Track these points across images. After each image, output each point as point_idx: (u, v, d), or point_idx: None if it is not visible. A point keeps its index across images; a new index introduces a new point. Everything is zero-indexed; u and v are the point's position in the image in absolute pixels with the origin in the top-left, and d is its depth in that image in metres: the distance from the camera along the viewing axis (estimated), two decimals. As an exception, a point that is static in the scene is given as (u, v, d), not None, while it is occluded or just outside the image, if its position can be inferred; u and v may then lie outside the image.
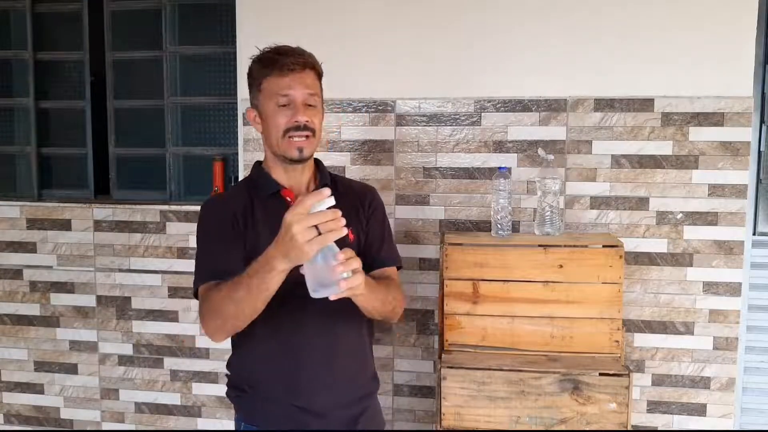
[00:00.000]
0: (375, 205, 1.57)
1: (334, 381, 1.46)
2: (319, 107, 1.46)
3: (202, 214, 1.49)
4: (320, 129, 1.47)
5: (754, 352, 2.45)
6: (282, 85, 1.41)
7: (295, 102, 1.41)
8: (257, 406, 1.48)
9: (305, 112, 1.41)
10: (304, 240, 1.09)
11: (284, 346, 1.43)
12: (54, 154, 2.96)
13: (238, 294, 1.24)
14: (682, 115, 2.32)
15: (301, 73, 1.42)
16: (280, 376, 1.44)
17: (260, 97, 1.45)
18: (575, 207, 2.40)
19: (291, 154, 1.43)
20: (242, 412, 1.51)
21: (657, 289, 2.39)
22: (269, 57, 1.43)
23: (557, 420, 1.93)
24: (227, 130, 2.79)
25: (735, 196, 2.32)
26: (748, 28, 2.26)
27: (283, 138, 1.42)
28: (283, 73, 1.41)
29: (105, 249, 2.77)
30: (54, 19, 2.90)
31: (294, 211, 1.11)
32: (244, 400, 1.50)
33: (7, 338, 2.89)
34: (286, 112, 1.41)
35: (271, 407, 1.45)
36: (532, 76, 2.39)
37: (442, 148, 2.46)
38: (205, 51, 2.77)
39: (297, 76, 1.41)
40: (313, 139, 1.44)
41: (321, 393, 1.44)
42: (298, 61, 1.41)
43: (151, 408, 2.81)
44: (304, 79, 1.42)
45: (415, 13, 2.42)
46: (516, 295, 2.07)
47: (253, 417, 1.48)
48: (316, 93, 1.45)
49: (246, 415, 1.50)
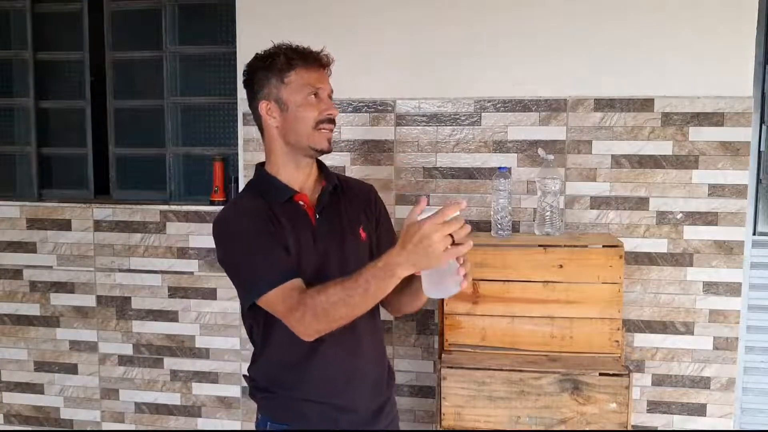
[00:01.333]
0: (380, 204, 1.59)
1: (362, 377, 1.48)
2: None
3: (229, 219, 1.44)
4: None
5: (754, 352, 2.45)
6: (313, 78, 1.42)
7: (325, 95, 1.45)
8: (288, 405, 1.48)
9: (333, 105, 1.45)
10: (441, 249, 1.13)
11: (311, 346, 1.42)
12: (54, 154, 2.96)
13: (353, 299, 1.24)
14: (682, 115, 2.32)
15: (325, 69, 1.46)
16: (309, 376, 1.45)
17: (284, 89, 1.42)
18: (575, 207, 2.40)
19: (322, 145, 1.43)
20: (270, 412, 1.51)
21: (657, 289, 2.39)
22: (296, 51, 1.43)
23: (557, 420, 1.93)
24: (227, 130, 2.79)
25: (735, 196, 2.32)
26: (748, 28, 2.26)
27: (314, 129, 1.42)
28: (312, 67, 1.42)
29: (105, 249, 2.77)
30: (54, 19, 2.91)
31: (434, 221, 1.14)
32: (273, 401, 1.50)
33: (7, 338, 2.89)
34: (318, 105, 1.43)
35: (301, 406, 1.46)
36: (532, 76, 2.38)
37: (442, 148, 2.46)
38: (205, 51, 2.77)
39: (324, 72, 1.45)
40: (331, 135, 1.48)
41: (349, 390, 1.46)
42: (324, 57, 1.44)
43: (151, 408, 2.81)
44: (327, 75, 1.46)
45: (415, 13, 2.42)
46: (516, 295, 2.08)
47: (282, 416, 1.49)
48: (333, 91, 1.49)
49: (274, 415, 1.50)
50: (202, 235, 2.67)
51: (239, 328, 2.69)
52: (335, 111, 1.44)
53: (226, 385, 2.72)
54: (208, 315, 2.71)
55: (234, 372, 2.71)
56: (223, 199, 2.68)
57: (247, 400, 2.71)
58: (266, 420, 1.51)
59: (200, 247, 2.69)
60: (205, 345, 2.73)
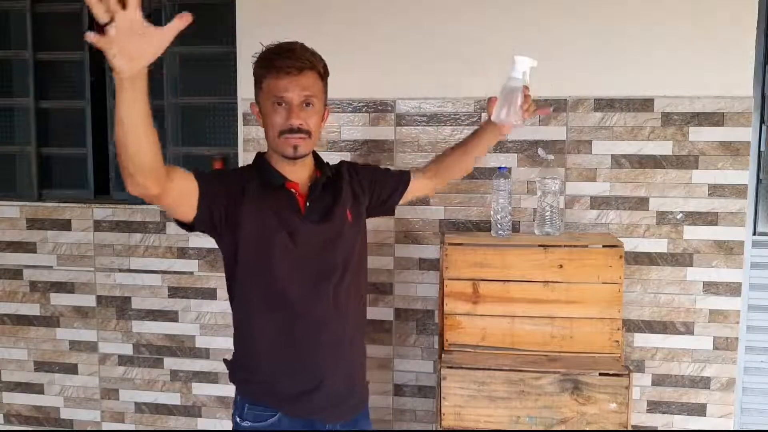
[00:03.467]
0: (359, 171, 1.68)
1: (338, 377, 1.53)
2: (317, 107, 1.49)
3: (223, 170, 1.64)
4: (317, 129, 1.51)
5: (754, 352, 2.45)
6: (279, 87, 1.44)
7: (291, 104, 1.44)
8: (262, 389, 1.53)
9: (299, 114, 1.45)
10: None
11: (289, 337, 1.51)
12: (54, 154, 2.95)
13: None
14: (682, 115, 2.32)
15: (297, 75, 1.44)
16: (286, 365, 1.51)
17: (261, 95, 1.50)
18: (575, 207, 2.40)
19: (286, 152, 1.48)
20: (247, 396, 1.56)
21: (657, 289, 2.39)
22: (267, 58, 1.46)
23: (557, 420, 1.93)
24: (227, 130, 2.78)
25: (735, 196, 2.32)
26: (748, 28, 2.26)
27: (278, 137, 1.47)
28: (279, 75, 1.44)
29: (105, 249, 2.77)
30: (54, 19, 2.90)
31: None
32: (250, 384, 1.56)
33: (7, 338, 2.89)
34: (282, 113, 1.45)
35: (276, 390, 1.52)
36: (532, 75, 2.38)
37: (442, 148, 2.46)
38: (205, 51, 2.77)
39: (293, 79, 1.44)
40: (308, 140, 1.48)
41: (325, 381, 1.51)
42: (295, 65, 1.43)
43: (151, 408, 2.81)
44: (301, 81, 1.44)
45: (415, 13, 2.42)
46: (516, 295, 2.08)
47: (258, 399, 1.54)
48: (314, 94, 1.47)
49: (251, 397, 1.55)
50: (202, 235, 2.67)
51: (239, 328, 2.69)
52: (296, 121, 1.44)
53: (226, 385, 2.71)
54: (208, 315, 2.71)
55: (234, 372, 2.71)
56: (223, 199, 2.68)
57: (247, 400, 2.71)
58: (244, 403, 1.58)
59: (200, 247, 2.69)
60: (205, 345, 2.73)
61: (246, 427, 1.53)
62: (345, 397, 1.55)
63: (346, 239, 1.53)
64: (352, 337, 1.56)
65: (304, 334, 1.48)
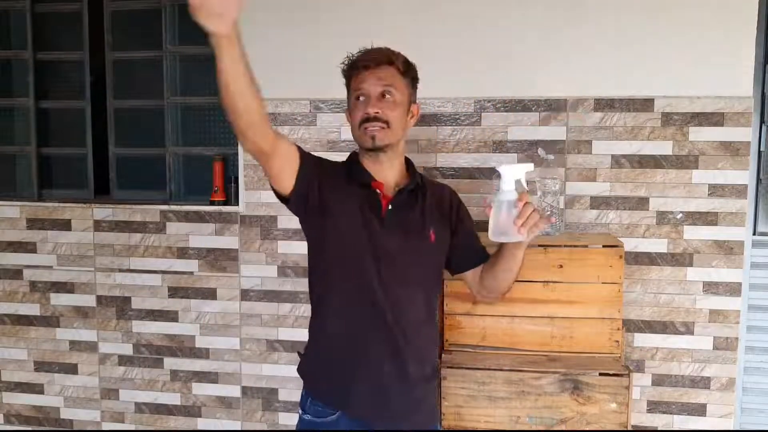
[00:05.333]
0: (458, 204, 1.64)
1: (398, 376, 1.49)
2: (397, 98, 1.50)
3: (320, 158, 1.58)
4: (399, 121, 1.51)
5: (754, 352, 2.45)
6: (357, 82, 1.50)
7: (369, 96, 1.49)
8: (327, 386, 1.53)
9: (376, 104, 1.48)
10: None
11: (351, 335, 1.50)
12: (54, 154, 2.96)
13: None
14: (682, 115, 2.32)
15: (375, 68, 1.48)
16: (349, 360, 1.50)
17: (349, 98, 1.56)
18: (575, 207, 2.40)
19: (365, 143, 1.51)
20: (311, 390, 1.57)
21: (657, 289, 2.39)
22: (351, 59, 1.53)
23: (557, 420, 1.93)
24: (227, 130, 2.78)
25: (735, 196, 2.32)
26: (748, 28, 2.26)
27: (359, 129, 1.51)
28: (359, 70, 1.50)
29: (105, 249, 2.77)
30: (54, 19, 2.90)
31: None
32: (316, 379, 1.56)
33: (7, 338, 2.89)
34: (361, 107, 1.50)
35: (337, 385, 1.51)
36: (532, 76, 2.39)
37: (442, 148, 2.46)
38: (205, 51, 2.77)
39: (370, 72, 1.49)
40: (388, 131, 1.49)
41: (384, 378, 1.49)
42: (371, 58, 1.49)
43: (151, 408, 2.81)
44: (378, 72, 1.49)
45: (413, 14, 2.42)
46: (516, 295, 2.07)
47: (321, 395, 1.54)
48: (391, 84, 1.49)
49: (314, 392, 1.55)
50: (202, 235, 2.68)
51: (239, 328, 2.69)
52: (372, 109, 1.47)
53: (226, 385, 2.72)
54: (208, 315, 2.71)
55: (234, 372, 2.71)
56: (223, 199, 2.68)
57: (248, 400, 2.71)
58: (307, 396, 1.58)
59: (200, 247, 2.69)
60: (205, 345, 2.73)
61: (306, 420, 1.54)
62: (407, 412, 1.51)
63: (422, 255, 1.51)
64: (416, 358, 1.50)
65: (372, 339, 1.47)
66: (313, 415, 1.52)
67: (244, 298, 2.67)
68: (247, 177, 2.61)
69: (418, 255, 1.50)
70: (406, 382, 1.48)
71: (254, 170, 2.58)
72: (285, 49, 2.50)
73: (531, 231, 1.32)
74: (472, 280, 1.61)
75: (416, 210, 1.53)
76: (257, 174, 2.59)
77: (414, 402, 1.51)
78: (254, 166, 2.57)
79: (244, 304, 2.67)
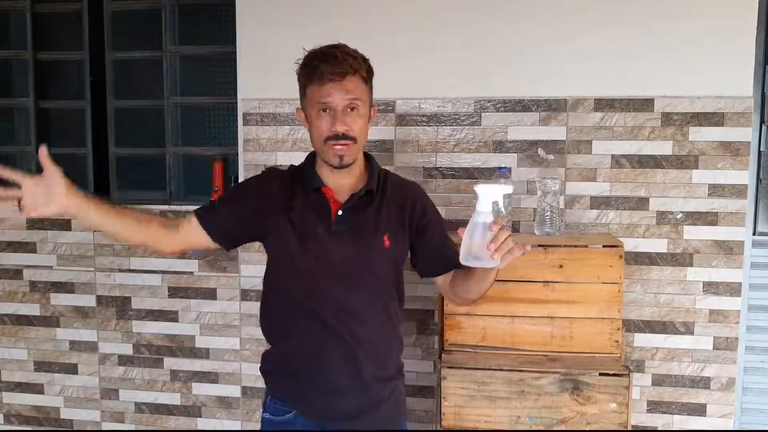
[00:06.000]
0: (425, 207, 1.57)
1: (358, 378, 1.50)
2: (362, 111, 1.46)
3: (254, 176, 1.63)
4: (363, 133, 1.47)
5: (754, 352, 2.45)
6: (322, 94, 1.42)
7: (335, 110, 1.42)
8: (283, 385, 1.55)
9: (344, 120, 1.42)
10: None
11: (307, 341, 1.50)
12: (54, 154, 2.92)
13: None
14: (682, 115, 2.32)
15: (341, 81, 1.41)
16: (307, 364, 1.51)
17: (305, 102, 1.48)
18: (575, 207, 2.40)
19: (331, 161, 1.46)
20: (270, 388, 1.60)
21: (657, 289, 2.39)
22: (310, 64, 1.44)
23: (557, 420, 1.93)
24: (227, 130, 2.78)
25: (735, 196, 2.32)
26: (748, 28, 2.26)
27: (324, 144, 1.45)
28: (322, 82, 1.41)
29: (105, 249, 2.77)
30: (54, 19, 2.90)
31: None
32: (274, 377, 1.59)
33: (7, 338, 2.89)
34: (327, 120, 1.43)
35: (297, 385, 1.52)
36: (532, 76, 2.39)
37: (442, 148, 2.46)
38: (205, 51, 2.77)
39: (337, 85, 1.41)
40: (354, 146, 1.45)
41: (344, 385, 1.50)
42: (337, 71, 1.41)
43: (151, 408, 2.81)
44: (345, 85, 1.42)
45: (415, 13, 2.42)
46: (516, 295, 2.07)
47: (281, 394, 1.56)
48: (358, 97, 1.44)
49: (275, 392, 1.58)
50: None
51: (239, 328, 2.69)
52: (342, 127, 1.41)
53: (226, 385, 2.72)
54: (208, 315, 2.71)
55: (234, 372, 2.71)
56: (223, 199, 2.68)
57: (248, 400, 2.71)
58: (267, 394, 1.61)
59: (200, 247, 2.69)
60: (205, 345, 2.73)
61: (266, 418, 1.56)
62: (363, 412, 1.51)
63: (374, 260, 1.48)
64: (372, 360, 1.50)
65: (324, 344, 1.47)
66: (272, 414, 1.54)
67: (244, 298, 2.67)
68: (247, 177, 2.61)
69: (369, 260, 1.47)
70: (361, 384, 1.48)
71: (254, 171, 2.58)
72: (285, 50, 2.49)
73: (505, 257, 1.23)
74: (442, 283, 1.58)
75: (370, 213, 1.49)
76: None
77: (371, 402, 1.51)
78: (254, 166, 2.57)
79: (244, 304, 2.67)
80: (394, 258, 1.51)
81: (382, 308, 1.52)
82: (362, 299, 1.48)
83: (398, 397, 1.59)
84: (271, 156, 2.58)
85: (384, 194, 1.52)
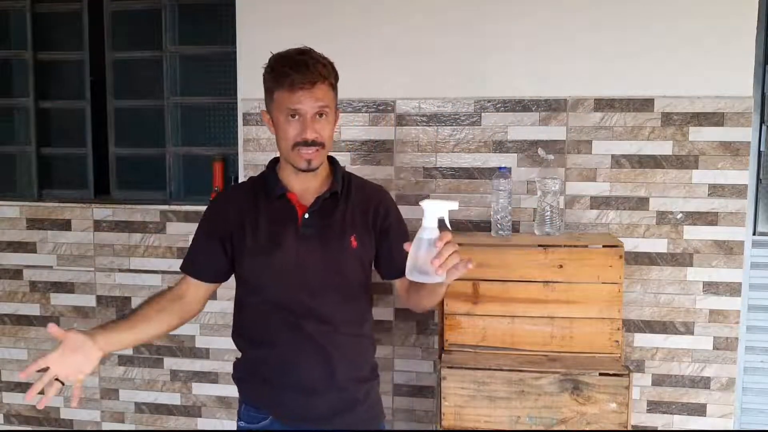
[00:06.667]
0: (388, 210, 1.57)
1: (332, 381, 1.50)
2: (330, 116, 1.46)
3: (213, 201, 1.63)
4: (331, 138, 1.49)
5: (754, 352, 2.45)
6: (292, 101, 1.42)
7: (305, 117, 1.42)
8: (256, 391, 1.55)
9: (314, 126, 1.42)
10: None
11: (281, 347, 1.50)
12: (54, 154, 2.96)
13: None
14: (682, 115, 2.32)
15: (311, 89, 1.41)
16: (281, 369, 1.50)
17: (272, 105, 1.47)
18: (575, 207, 2.40)
19: (300, 165, 1.46)
20: (244, 396, 1.60)
21: (657, 289, 2.39)
22: (281, 71, 1.43)
23: (557, 420, 1.93)
24: (227, 130, 2.79)
25: (735, 196, 2.32)
26: (748, 28, 2.26)
27: (292, 150, 1.45)
28: (292, 89, 1.41)
29: (105, 249, 2.77)
30: (54, 19, 2.90)
31: None
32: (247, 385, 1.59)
33: (7, 338, 2.89)
34: (296, 125, 1.43)
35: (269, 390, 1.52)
36: (532, 76, 2.39)
37: (442, 148, 2.46)
38: (205, 51, 2.77)
39: (307, 93, 1.41)
40: (322, 151, 1.46)
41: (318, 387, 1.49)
42: (307, 79, 1.40)
43: (151, 408, 2.81)
44: (315, 93, 1.42)
45: (415, 13, 2.42)
46: (516, 295, 2.08)
47: (255, 400, 1.56)
48: (327, 104, 1.45)
49: (248, 399, 1.58)
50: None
51: (239, 328, 2.69)
52: (311, 135, 1.42)
53: (226, 385, 2.72)
54: (208, 315, 2.71)
55: (234, 372, 2.71)
56: (223, 199, 2.68)
57: (247, 400, 2.71)
58: (242, 403, 1.62)
59: (200, 247, 2.69)
60: (205, 345, 2.73)
61: (241, 427, 1.56)
62: (337, 414, 1.51)
63: (343, 262, 1.49)
64: (345, 361, 1.50)
65: (296, 347, 1.47)
66: (247, 421, 1.54)
67: (244, 298, 2.67)
68: (247, 177, 2.61)
69: (338, 262, 1.48)
70: (334, 386, 1.49)
71: (254, 171, 2.58)
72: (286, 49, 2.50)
73: (450, 273, 1.20)
74: (399, 287, 1.57)
75: (336, 215, 1.49)
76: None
77: (346, 403, 1.51)
78: (254, 166, 2.57)
79: (244, 304, 2.67)
80: (361, 259, 1.52)
81: (352, 309, 1.52)
82: (333, 301, 1.48)
83: (374, 397, 1.60)
84: (270, 156, 2.55)
85: (348, 196, 1.53)
